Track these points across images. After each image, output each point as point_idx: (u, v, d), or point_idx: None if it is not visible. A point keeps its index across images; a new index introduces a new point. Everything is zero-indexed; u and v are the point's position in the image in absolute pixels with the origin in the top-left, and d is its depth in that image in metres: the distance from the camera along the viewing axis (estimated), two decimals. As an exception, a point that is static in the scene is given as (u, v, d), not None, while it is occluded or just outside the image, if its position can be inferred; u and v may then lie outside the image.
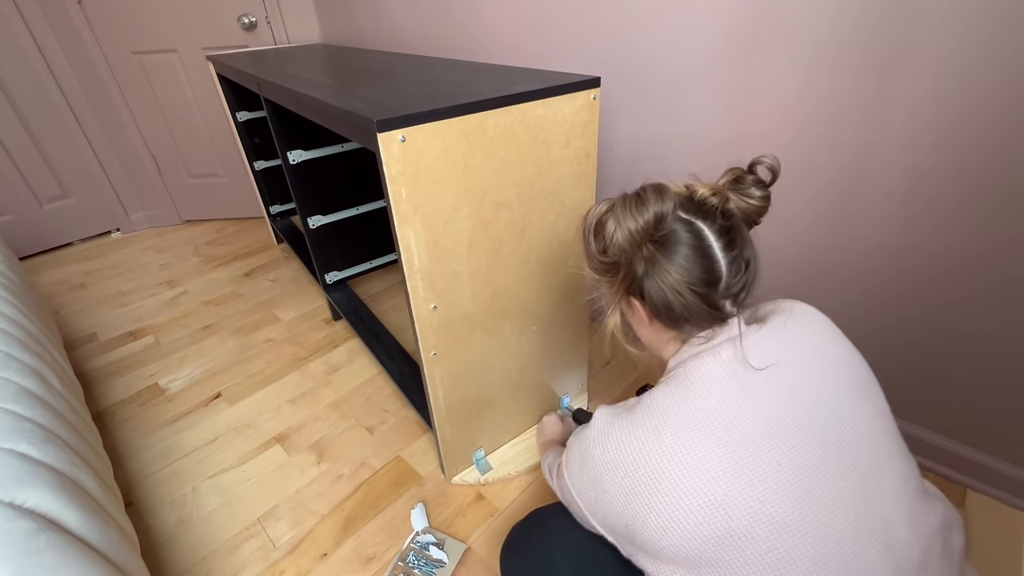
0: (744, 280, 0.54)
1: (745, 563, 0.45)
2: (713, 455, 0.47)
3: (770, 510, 0.45)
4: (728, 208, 0.55)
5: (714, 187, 0.56)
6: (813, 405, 0.50)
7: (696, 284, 0.53)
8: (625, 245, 0.55)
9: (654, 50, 1.12)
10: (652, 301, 0.55)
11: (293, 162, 1.44)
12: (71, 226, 2.35)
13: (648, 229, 0.53)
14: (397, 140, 0.70)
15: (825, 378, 0.52)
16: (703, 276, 0.53)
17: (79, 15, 2.00)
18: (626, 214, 0.54)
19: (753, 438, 0.47)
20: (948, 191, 0.86)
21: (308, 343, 1.61)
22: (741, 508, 0.45)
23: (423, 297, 0.85)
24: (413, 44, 1.75)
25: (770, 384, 0.50)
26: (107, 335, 1.72)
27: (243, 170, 2.39)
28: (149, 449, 1.26)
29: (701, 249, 0.53)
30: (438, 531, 1.02)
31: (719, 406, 0.49)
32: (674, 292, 0.53)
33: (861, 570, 0.45)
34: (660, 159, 1.22)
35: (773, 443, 0.47)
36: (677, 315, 0.55)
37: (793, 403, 0.49)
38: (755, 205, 0.56)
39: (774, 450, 0.47)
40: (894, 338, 1.02)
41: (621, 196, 0.57)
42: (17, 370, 0.80)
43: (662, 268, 0.53)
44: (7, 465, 0.60)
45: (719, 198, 0.55)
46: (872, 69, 0.85)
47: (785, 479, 0.46)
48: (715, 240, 0.53)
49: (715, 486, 0.46)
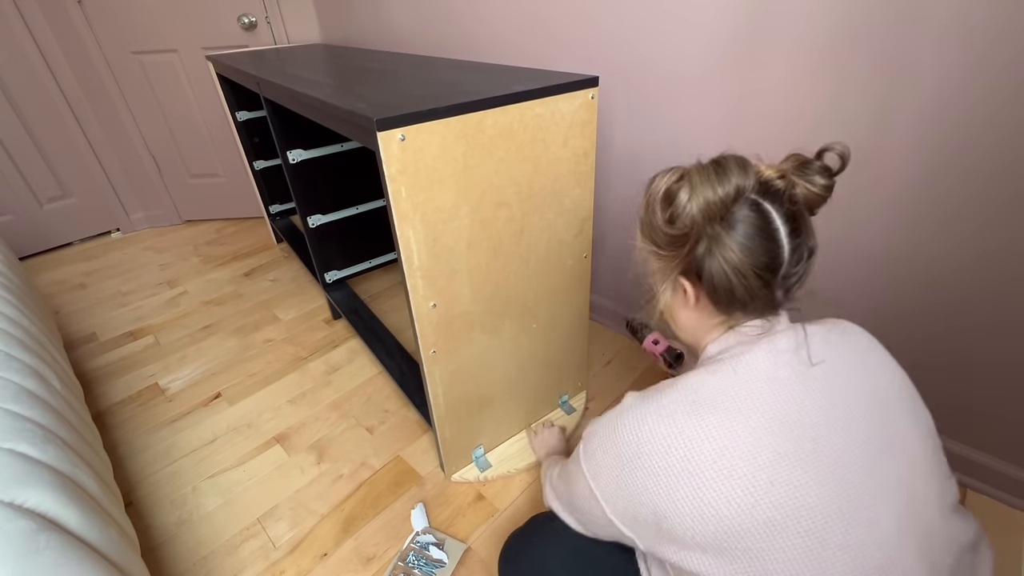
0: (802, 270, 0.52)
1: (782, 553, 0.43)
2: (759, 442, 0.45)
3: (814, 502, 0.44)
4: (794, 193, 0.51)
5: (780, 169, 0.53)
6: (862, 411, 0.49)
7: (760, 268, 0.50)
8: (699, 217, 0.51)
9: (654, 50, 1.12)
10: (711, 281, 0.52)
11: (293, 161, 1.44)
12: (71, 226, 2.35)
13: (727, 202, 0.50)
14: (397, 139, 0.70)
15: (870, 385, 0.51)
16: (767, 260, 0.50)
17: (79, 15, 2.00)
18: (704, 184, 0.51)
19: (802, 430, 0.46)
20: (953, 192, 0.85)
21: (308, 343, 1.61)
22: (785, 497, 0.44)
23: (423, 295, 0.85)
24: (413, 44, 1.75)
25: (823, 380, 0.49)
26: (107, 335, 1.72)
27: (243, 170, 2.39)
28: (149, 449, 1.27)
29: (767, 232, 0.50)
30: (438, 531, 1.02)
31: (769, 394, 0.47)
32: (737, 273, 0.50)
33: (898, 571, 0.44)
34: (659, 159, 1.22)
35: (822, 437, 0.46)
36: (736, 298, 0.52)
37: (842, 403, 0.48)
38: (817, 193, 0.52)
39: (822, 444, 0.46)
40: (894, 338, 1.02)
41: (696, 164, 0.54)
42: (17, 370, 0.80)
43: (726, 247, 0.50)
44: (7, 465, 0.60)
45: (786, 182, 0.52)
46: (875, 71, 0.85)
47: (831, 474, 0.45)
48: (782, 224, 0.50)
49: (762, 473, 0.44)
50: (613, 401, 1.32)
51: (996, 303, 0.88)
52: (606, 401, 1.32)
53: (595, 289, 1.59)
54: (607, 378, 1.40)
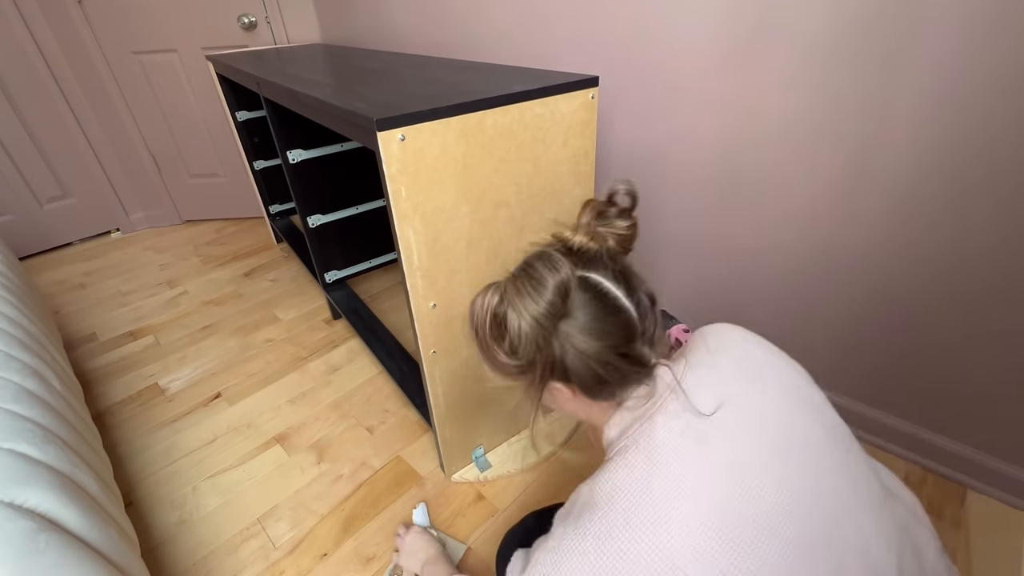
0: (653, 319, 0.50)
1: None
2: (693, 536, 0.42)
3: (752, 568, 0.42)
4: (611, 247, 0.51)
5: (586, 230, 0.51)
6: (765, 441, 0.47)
7: (619, 345, 0.48)
8: (536, 336, 0.48)
9: (654, 50, 1.12)
10: (580, 378, 0.50)
11: (293, 161, 1.44)
12: (71, 226, 2.35)
13: (556, 307, 0.47)
14: (397, 139, 0.70)
15: (764, 406, 0.49)
16: (622, 333, 0.48)
17: (79, 15, 2.00)
18: (524, 299, 0.48)
19: (724, 497, 0.43)
20: (948, 188, 0.86)
21: (308, 343, 1.61)
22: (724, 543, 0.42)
23: (423, 295, 0.85)
24: (413, 44, 1.75)
25: (722, 432, 0.46)
26: (107, 335, 1.72)
27: (243, 170, 2.39)
28: (149, 449, 1.26)
29: (609, 306, 0.48)
30: (439, 531, 1.02)
31: (685, 473, 0.44)
32: (600, 363, 0.48)
33: None
34: (659, 159, 1.22)
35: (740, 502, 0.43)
36: (609, 383, 0.50)
37: (747, 446, 0.46)
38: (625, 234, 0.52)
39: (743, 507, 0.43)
40: (894, 338, 1.02)
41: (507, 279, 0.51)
42: (17, 370, 0.80)
43: (577, 339, 0.48)
44: (7, 465, 0.60)
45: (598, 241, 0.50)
46: (873, 68, 0.85)
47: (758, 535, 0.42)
48: (616, 289, 0.48)
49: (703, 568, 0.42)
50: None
51: (996, 303, 0.88)
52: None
53: (595, 289, 1.59)
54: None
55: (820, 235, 1.03)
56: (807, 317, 1.12)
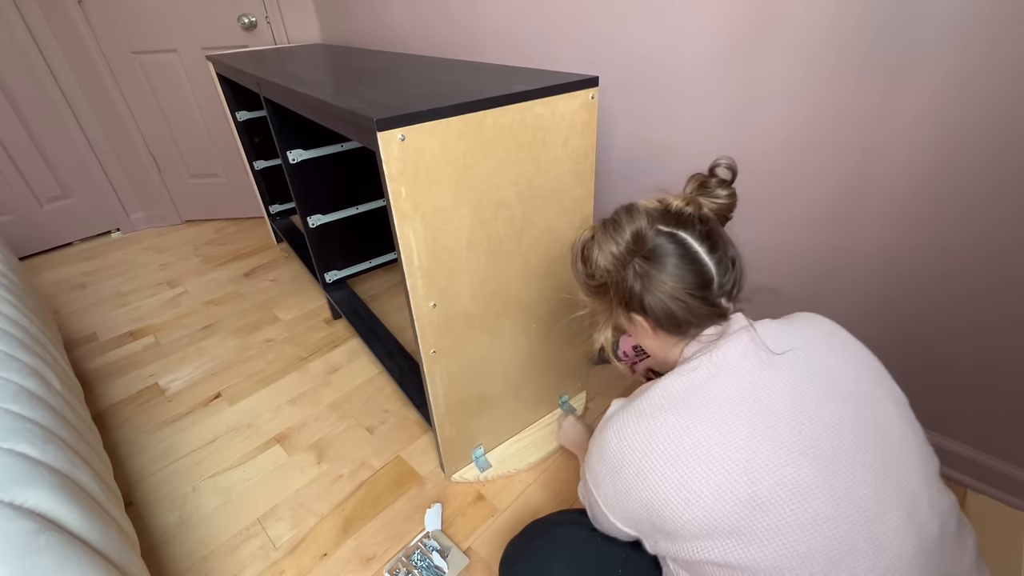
0: (734, 277, 0.57)
1: (769, 528, 0.46)
2: (733, 427, 0.49)
3: (792, 475, 0.46)
4: (704, 214, 0.58)
5: (686, 196, 0.59)
6: (830, 386, 0.52)
7: (692, 288, 0.55)
8: (610, 267, 0.59)
9: (654, 50, 1.12)
10: (654, 312, 0.58)
11: (293, 161, 1.44)
12: (71, 226, 2.35)
13: (630, 248, 0.57)
14: (397, 139, 0.70)
15: (839, 364, 0.54)
16: (696, 280, 0.55)
17: (79, 15, 2.00)
18: (606, 238, 0.59)
19: (774, 409, 0.49)
20: (954, 192, 0.85)
21: (308, 343, 1.61)
22: (763, 474, 0.47)
23: (423, 295, 0.85)
24: (413, 44, 1.75)
25: (788, 364, 0.53)
26: (107, 335, 1.72)
27: (243, 170, 2.39)
28: (149, 449, 1.27)
29: (688, 256, 0.56)
30: (446, 536, 1.02)
31: (740, 382, 0.51)
32: (674, 300, 0.56)
33: (884, 534, 0.45)
34: (659, 159, 1.22)
35: (794, 414, 0.49)
36: (681, 320, 0.57)
37: (811, 382, 0.52)
38: (724, 203, 0.60)
39: (795, 420, 0.49)
40: (895, 337, 1.02)
41: (601, 222, 0.62)
42: (17, 370, 0.80)
43: (657, 280, 0.56)
44: (7, 465, 0.60)
45: (693, 206, 0.58)
46: (877, 69, 0.85)
47: (806, 446, 0.47)
48: (699, 245, 0.56)
49: (736, 454, 0.48)
50: (613, 401, 1.32)
51: (997, 303, 0.88)
52: (606, 401, 1.32)
53: (595, 289, 1.59)
54: (607, 378, 1.40)
55: (824, 236, 1.03)
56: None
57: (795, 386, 0.51)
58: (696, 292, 0.55)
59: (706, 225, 0.57)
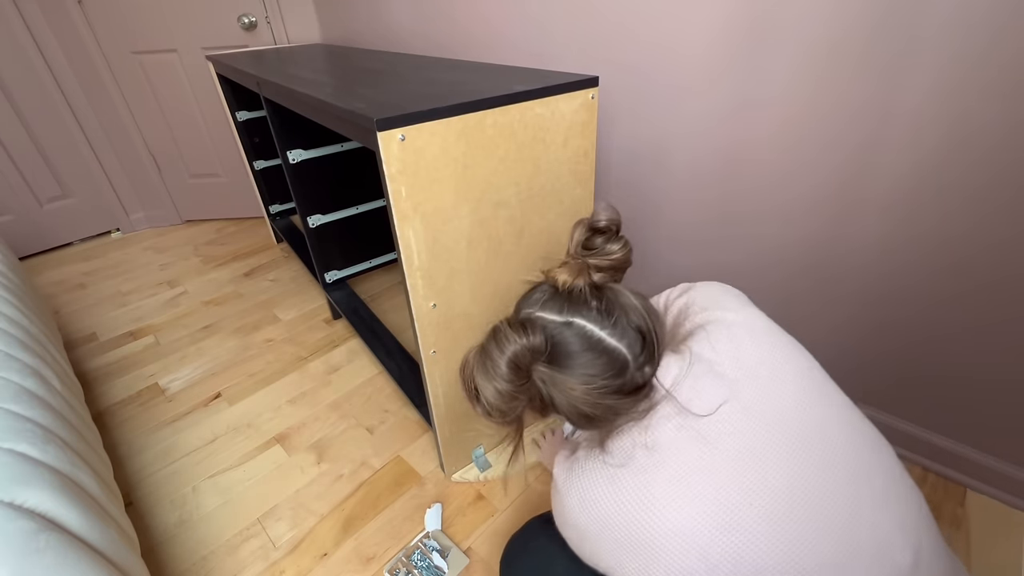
0: (648, 347, 0.50)
1: None
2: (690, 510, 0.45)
3: (750, 555, 0.43)
4: (595, 281, 0.51)
5: (574, 265, 0.52)
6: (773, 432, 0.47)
7: (608, 379, 0.49)
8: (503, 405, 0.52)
9: (654, 50, 1.12)
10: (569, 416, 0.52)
11: (293, 161, 1.44)
12: (71, 226, 2.35)
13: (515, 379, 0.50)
14: (397, 139, 0.70)
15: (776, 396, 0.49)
16: (612, 371, 0.49)
17: (79, 15, 2.00)
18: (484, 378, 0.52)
19: (721, 485, 0.45)
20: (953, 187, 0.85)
21: (308, 343, 1.61)
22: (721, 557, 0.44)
23: (423, 295, 0.85)
24: (413, 44, 1.75)
25: (723, 426, 0.47)
26: (107, 335, 1.72)
27: (243, 170, 2.39)
28: (149, 449, 1.26)
29: (594, 346, 0.49)
30: (446, 536, 1.02)
31: (684, 463, 0.47)
32: (588, 404, 0.49)
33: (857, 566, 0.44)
34: (659, 159, 1.22)
35: (741, 484, 0.45)
36: (601, 419, 0.51)
37: (752, 437, 0.47)
38: (618, 258, 0.53)
39: (743, 491, 0.45)
40: (895, 336, 1.02)
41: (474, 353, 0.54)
42: (17, 370, 0.80)
43: (564, 386, 0.49)
44: (7, 465, 0.60)
45: (584, 278, 0.51)
46: (876, 66, 0.85)
47: (760, 518, 0.44)
48: (601, 330, 0.49)
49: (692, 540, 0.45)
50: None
51: (997, 302, 0.88)
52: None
53: (595, 289, 1.59)
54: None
55: (823, 234, 1.03)
56: (806, 315, 1.12)
57: (735, 451, 0.46)
58: (612, 382, 0.49)
59: (601, 298, 0.50)
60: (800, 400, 0.49)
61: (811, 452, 0.46)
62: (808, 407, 0.49)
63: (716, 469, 0.46)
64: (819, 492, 0.45)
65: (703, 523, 0.45)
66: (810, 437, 0.47)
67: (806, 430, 0.47)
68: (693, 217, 1.22)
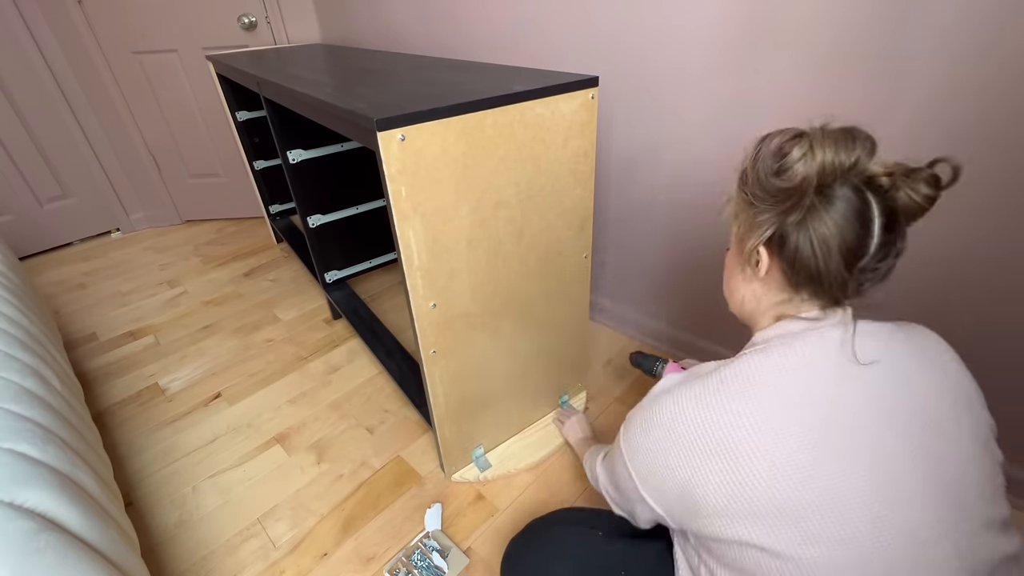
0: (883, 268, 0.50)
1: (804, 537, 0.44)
2: (790, 433, 0.46)
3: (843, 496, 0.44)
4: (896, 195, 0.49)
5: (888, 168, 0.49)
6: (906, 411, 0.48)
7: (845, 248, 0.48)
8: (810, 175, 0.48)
9: (654, 51, 1.12)
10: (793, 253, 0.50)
11: (293, 161, 1.44)
12: (71, 226, 2.35)
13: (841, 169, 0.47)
14: (397, 139, 0.70)
15: (925, 386, 0.50)
16: (855, 243, 0.48)
17: (79, 15, 2.00)
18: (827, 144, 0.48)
19: (835, 425, 0.46)
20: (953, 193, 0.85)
21: (308, 343, 1.61)
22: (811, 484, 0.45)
23: (423, 295, 0.85)
24: (413, 44, 1.75)
25: (867, 380, 0.48)
26: (107, 335, 1.72)
27: (243, 170, 2.39)
28: (149, 449, 1.26)
29: (864, 217, 0.48)
30: (446, 536, 1.02)
31: (810, 386, 0.48)
32: (823, 248, 0.48)
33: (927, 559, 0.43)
34: (659, 159, 1.22)
35: (854, 437, 0.46)
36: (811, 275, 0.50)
37: (885, 404, 0.48)
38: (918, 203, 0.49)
39: (857, 442, 0.46)
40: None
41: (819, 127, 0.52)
42: (17, 370, 0.80)
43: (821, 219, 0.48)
44: (7, 465, 0.60)
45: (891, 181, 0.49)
46: (875, 68, 0.85)
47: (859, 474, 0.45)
48: (879, 215, 0.48)
49: (792, 458, 0.46)
50: (613, 401, 1.32)
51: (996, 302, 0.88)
52: (606, 401, 1.32)
53: (595, 289, 1.59)
54: (607, 378, 1.40)
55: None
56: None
57: (863, 406, 0.47)
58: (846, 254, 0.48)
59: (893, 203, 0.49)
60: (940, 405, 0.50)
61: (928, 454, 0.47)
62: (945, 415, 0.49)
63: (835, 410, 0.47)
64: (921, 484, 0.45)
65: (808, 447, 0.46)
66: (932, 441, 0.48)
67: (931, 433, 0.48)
68: (692, 216, 1.22)
